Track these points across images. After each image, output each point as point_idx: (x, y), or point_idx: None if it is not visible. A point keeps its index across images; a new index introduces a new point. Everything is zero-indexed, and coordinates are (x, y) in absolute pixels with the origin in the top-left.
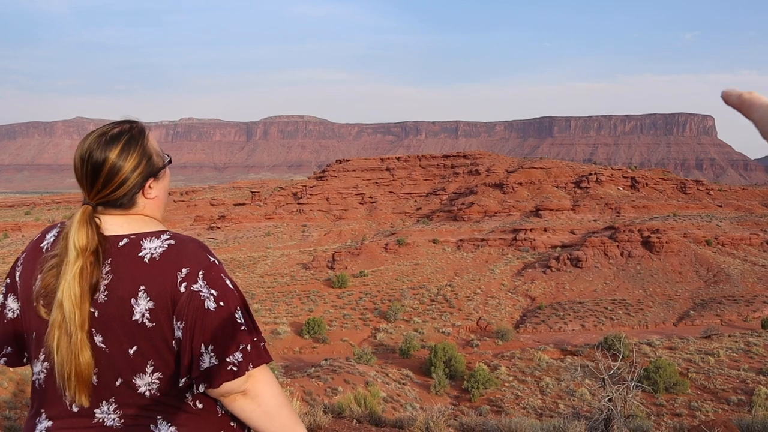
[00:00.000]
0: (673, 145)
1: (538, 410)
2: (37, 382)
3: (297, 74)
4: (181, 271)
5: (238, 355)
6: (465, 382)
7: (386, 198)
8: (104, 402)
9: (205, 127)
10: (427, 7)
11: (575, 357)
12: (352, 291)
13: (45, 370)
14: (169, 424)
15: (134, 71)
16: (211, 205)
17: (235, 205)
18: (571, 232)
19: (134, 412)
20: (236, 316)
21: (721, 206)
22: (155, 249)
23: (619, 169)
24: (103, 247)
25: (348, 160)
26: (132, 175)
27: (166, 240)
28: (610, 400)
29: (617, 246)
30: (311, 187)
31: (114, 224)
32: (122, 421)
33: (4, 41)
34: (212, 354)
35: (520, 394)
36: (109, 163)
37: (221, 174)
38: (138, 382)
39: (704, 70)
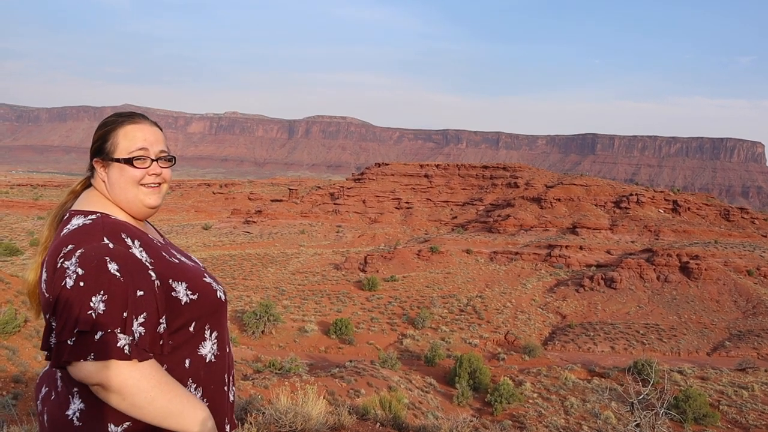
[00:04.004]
0: (719, 170)
1: (561, 430)
2: None
3: (342, 76)
4: (66, 247)
5: (71, 340)
6: (488, 395)
7: (422, 204)
8: None
9: (249, 122)
10: (476, 17)
11: (603, 379)
12: (382, 295)
13: None
14: (80, 400)
15: (183, 63)
16: (249, 199)
17: (272, 200)
18: (608, 252)
19: (65, 378)
20: (92, 299)
21: (765, 236)
22: (73, 225)
23: (661, 192)
24: (61, 219)
25: (387, 164)
26: (91, 148)
27: (87, 218)
28: (637, 425)
29: (654, 269)
30: (349, 188)
31: (80, 198)
32: (60, 383)
33: (60, 27)
34: (55, 331)
35: (543, 412)
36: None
37: (261, 169)
38: None
39: (757, 96)
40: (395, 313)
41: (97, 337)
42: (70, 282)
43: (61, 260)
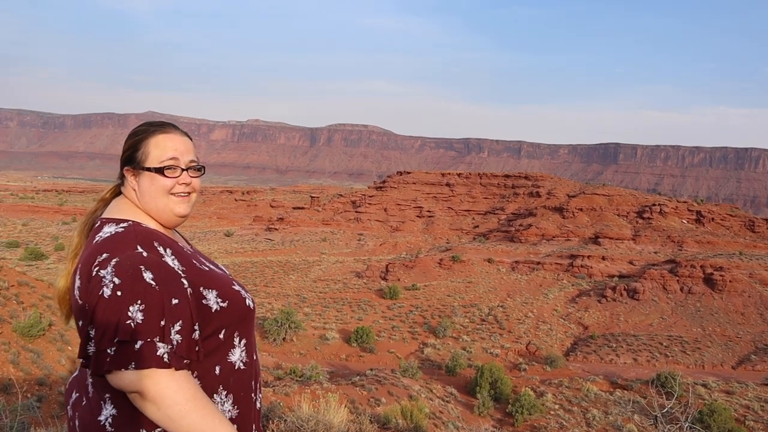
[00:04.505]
0: (744, 180)
1: None
2: None
3: (364, 84)
4: (101, 256)
5: (112, 349)
6: (509, 405)
7: (444, 213)
8: None
9: (271, 130)
10: (498, 27)
11: (625, 391)
12: (403, 303)
13: None
14: (113, 406)
15: (207, 71)
16: (271, 206)
17: (294, 208)
18: (630, 262)
19: (96, 384)
20: (130, 309)
21: None
22: (105, 233)
23: (684, 202)
24: (91, 227)
25: (409, 173)
26: (121, 156)
27: (119, 226)
28: None
29: (677, 281)
30: (370, 196)
31: (111, 206)
32: (92, 389)
33: (86, 35)
34: (93, 340)
35: (564, 423)
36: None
37: (283, 177)
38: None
39: None
40: (416, 322)
41: (137, 346)
42: (107, 291)
43: (96, 269)
